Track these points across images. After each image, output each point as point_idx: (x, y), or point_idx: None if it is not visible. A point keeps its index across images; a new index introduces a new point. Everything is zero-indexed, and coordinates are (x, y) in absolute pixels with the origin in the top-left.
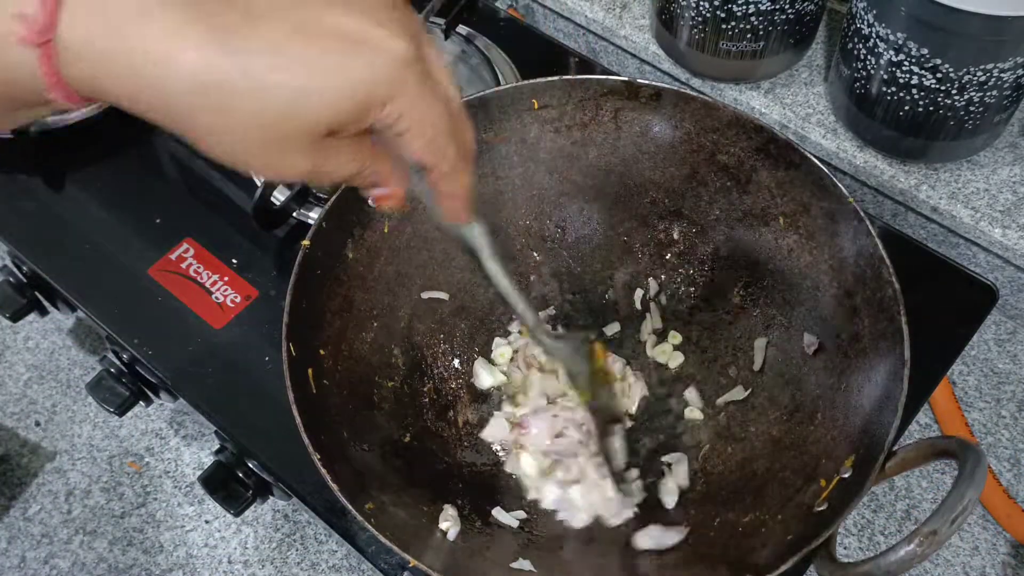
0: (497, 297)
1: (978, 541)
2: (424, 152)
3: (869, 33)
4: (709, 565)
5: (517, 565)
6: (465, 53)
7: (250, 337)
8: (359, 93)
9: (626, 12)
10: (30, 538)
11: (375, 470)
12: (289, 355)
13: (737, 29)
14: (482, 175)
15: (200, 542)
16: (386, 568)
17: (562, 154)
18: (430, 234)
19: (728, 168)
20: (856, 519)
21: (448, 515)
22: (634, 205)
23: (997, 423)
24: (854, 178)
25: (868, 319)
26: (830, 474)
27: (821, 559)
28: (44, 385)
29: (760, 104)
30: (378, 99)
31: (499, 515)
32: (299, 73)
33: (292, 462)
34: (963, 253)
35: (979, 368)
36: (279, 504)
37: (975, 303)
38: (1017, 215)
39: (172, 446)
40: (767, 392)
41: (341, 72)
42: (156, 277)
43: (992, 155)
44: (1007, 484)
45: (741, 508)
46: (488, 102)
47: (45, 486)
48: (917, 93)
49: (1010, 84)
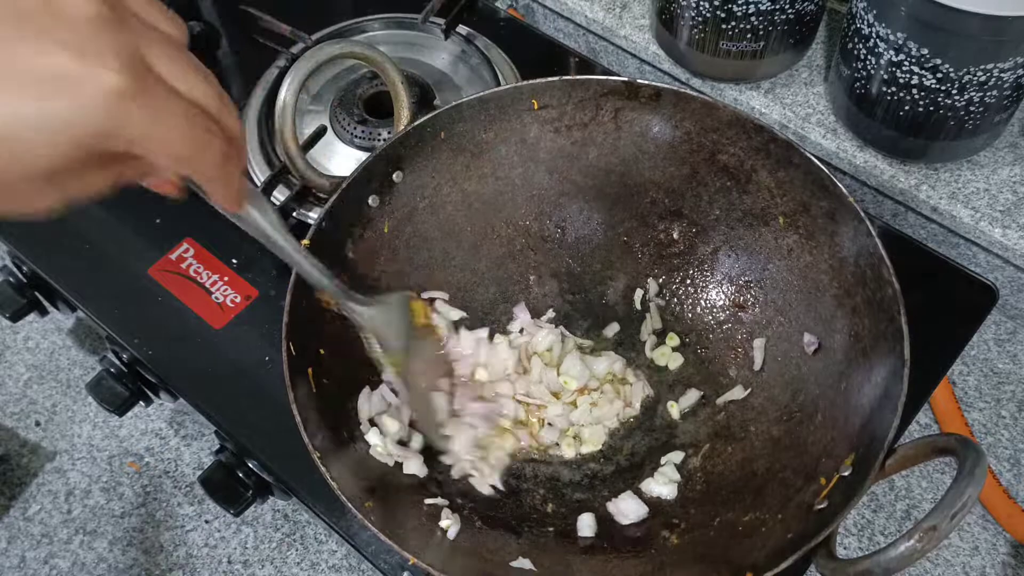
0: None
1: (978, 541)
2: (176, 168)
3: (869, 33)
4: (709, 565)
5: (517, 564)
6: (465, 53)
7: (250, 337)
8: (75, 136)
9: (626, 12)
10: (30, 538)
11: (375, 470)
12: (289, 355)
13: (737, 29)
14: (482, 175)
15: (200, 542)
16: (386, 568)
17: (562, 154)
18: (430, 234)
19: (728, 168)
20: (856, 519)
21: (448, 514)
22: (634, 205)
23: (997, 423)
24: (854, 178)
25: (868, 319)
26: (830, 473)
27: (821, 557)
28: (44, 385)
29: (760, 104)
30: (100, 136)
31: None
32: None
33: (292, 462)
34: (963, 253)
35: (979, 368)
36: (279, 504)
37: (975, 303)
38: (1017, 215)
39: (172, 446)
40: (767, 392)
41: (46, 119)
42: (156, 277)
43: (992, 155)
44: (1007, 484)
45: (741, 508)
46: (488, 102)
47: (45, 486)
48: (917, 93)
49: (1010, 84)
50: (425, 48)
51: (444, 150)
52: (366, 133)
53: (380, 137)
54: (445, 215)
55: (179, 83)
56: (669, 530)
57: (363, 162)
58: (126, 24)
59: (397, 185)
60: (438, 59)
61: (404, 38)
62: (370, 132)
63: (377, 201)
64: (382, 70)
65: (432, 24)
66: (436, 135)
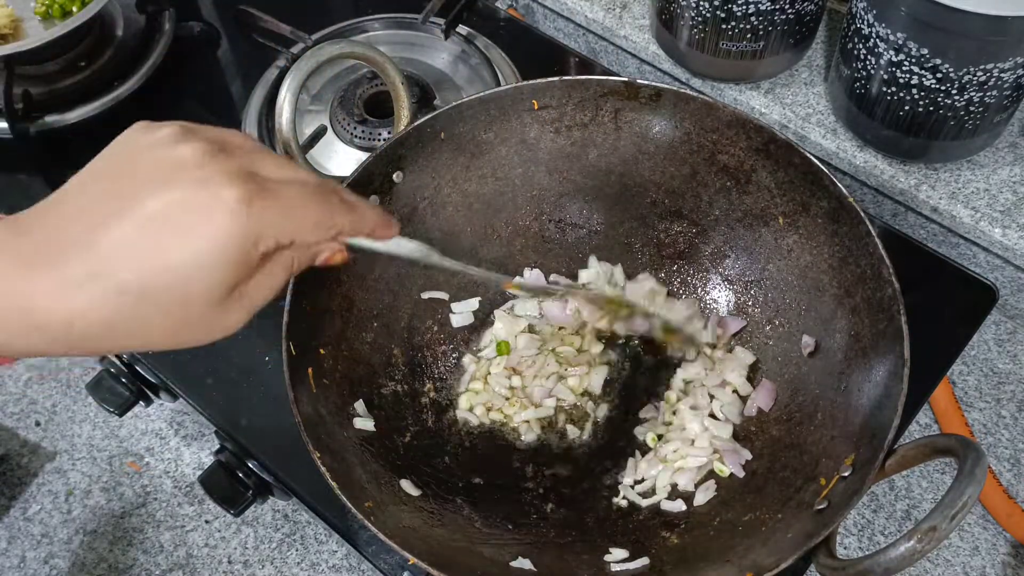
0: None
1: (978, 541)
2: (322, 241)
3: (869, 33)
4: (709, 565)
5: (517, 564)
6: (465, 53)
7: (250, 337)
8: (226, 254)
9: (626, 12)
10: (30, 538)
11: (375, 470)
12: (289, 355)
13: (737, 29)
14: (482, 175)
15: (200, 542)
16: (386, 568)
17: (562, 154)
18: (430, 234)
19: (728, 168)
20: (856, 519)
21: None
22: (634, 205)
23: (997, 423)
24: (854, 178)
25: (868, 319)
26: (830, 473)
27: (821, 557)
28: (44, 385)
29: (760, 104)
30: (247, 246)
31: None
32: (159, 271)
33: (292, 462)
34: (963, 253)
35: (979, 368)
36: (279, 504)
37: (975, 303)
38: (1017, 215)
39: (172, 446)
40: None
41: (197, 246)
42: None
43: (992, 155)
44: (1007, 484)
45: (741, 508)
46: (488, 102)
47: (45, 486)
48: (917, 93)
49: (1010, 84)
50: (425, 48)
51: (444, 150)
52: (366, 133)
53: (380, 137)
54: (445, 215)
55: (285, 174)
56: (669, 530)
57: (363, 162)
58: (228, 152)
59: (397, 185)
60: (438, 59)
61: (404, 38)
62: (370, 132)
63: (377, 201)
64: (382, 70)
65: (432, 24)
66: (436, 135)
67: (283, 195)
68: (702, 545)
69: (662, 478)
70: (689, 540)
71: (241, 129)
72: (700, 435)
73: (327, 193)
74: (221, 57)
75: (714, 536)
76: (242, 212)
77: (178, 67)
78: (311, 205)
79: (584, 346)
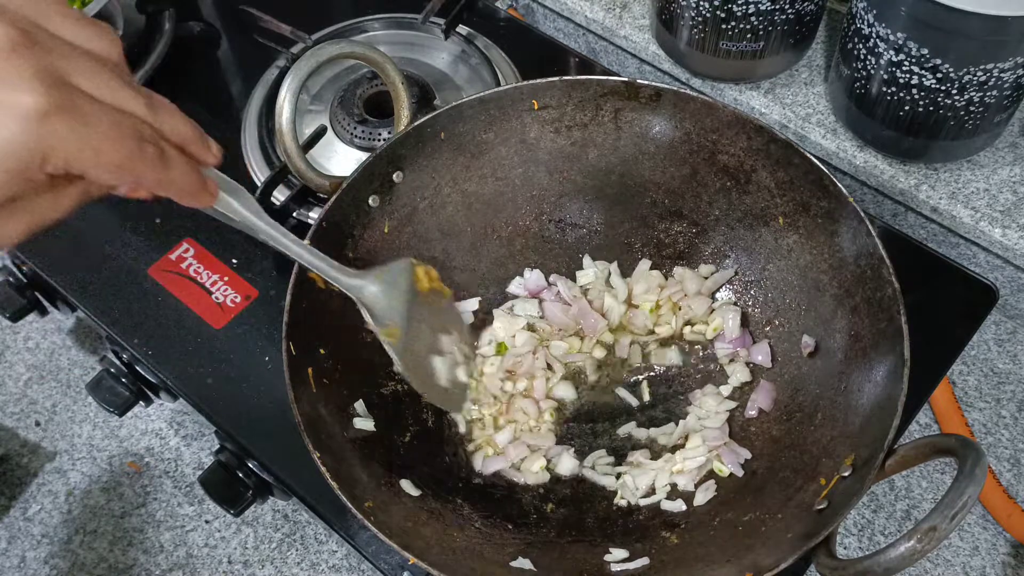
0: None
1: (978, 541)
2: (117, 179)
3: (869, 33)
4: (709, 565)
5: (517, 564)
6: (465, 53)
7: (250, 337)
8: (8, 165)
9: (626, 12)
10: (30, 538)
11: (375, 469)
12: (289, 355)
13: (737, 29)
14: (482, 175)
15: (200, 542)
16: (386, 568)
17: (562, 154)
18: (430, 234)
19: (728, 168)
20: (856, 519)
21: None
22: (634, 205)
23: (997, 423)
24: (854, 178)
25: (868, 319)
26: (830, 473)
27: (821, 557)
28: (44, 385)
29: (760, 104)
30: (34, 158)
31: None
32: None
33: (292, 462)
34: (963, 253)
35: (979, 368)
36: (279, 504)
37: (975, 303)
38: (1017, 215)
39: (172, 446)
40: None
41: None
42: (156, 277)
43: (992, 155)
44: (1007, 484)
45: (741, 508)
46: (488, 102)
47: (45, 486)
48: (917, 93)
49: (1010, 84)
50: (425, 48)
51: (444, 150)
52: (366, 133)
53: (380, 137)
54: (445, 215)
55: (104, 95)
56: (669, 530)
57: (363, 162)
58: (42, 46)
59: (397, 185)
60: (438, 59)
61: (404, 38)
62: (370, 132)
63: (377, 201)
64: (382, 70)
65: (432, 24)
66: (436, 135)
67: (90, 121)
68: (702, 545)
69: (662, 478)
70: (689, 540)
71: (241, 129)
72: (697, 431)
73: (142, 139)
74: (221, 57)
75: (714, 536)
76: (33, 124)
77: (178, 67)
78: (118, 145)
79: (584, 347)
